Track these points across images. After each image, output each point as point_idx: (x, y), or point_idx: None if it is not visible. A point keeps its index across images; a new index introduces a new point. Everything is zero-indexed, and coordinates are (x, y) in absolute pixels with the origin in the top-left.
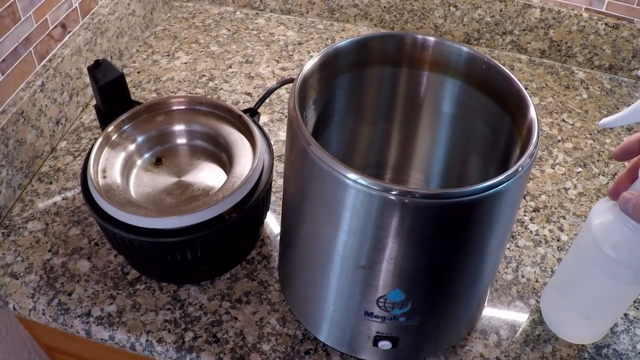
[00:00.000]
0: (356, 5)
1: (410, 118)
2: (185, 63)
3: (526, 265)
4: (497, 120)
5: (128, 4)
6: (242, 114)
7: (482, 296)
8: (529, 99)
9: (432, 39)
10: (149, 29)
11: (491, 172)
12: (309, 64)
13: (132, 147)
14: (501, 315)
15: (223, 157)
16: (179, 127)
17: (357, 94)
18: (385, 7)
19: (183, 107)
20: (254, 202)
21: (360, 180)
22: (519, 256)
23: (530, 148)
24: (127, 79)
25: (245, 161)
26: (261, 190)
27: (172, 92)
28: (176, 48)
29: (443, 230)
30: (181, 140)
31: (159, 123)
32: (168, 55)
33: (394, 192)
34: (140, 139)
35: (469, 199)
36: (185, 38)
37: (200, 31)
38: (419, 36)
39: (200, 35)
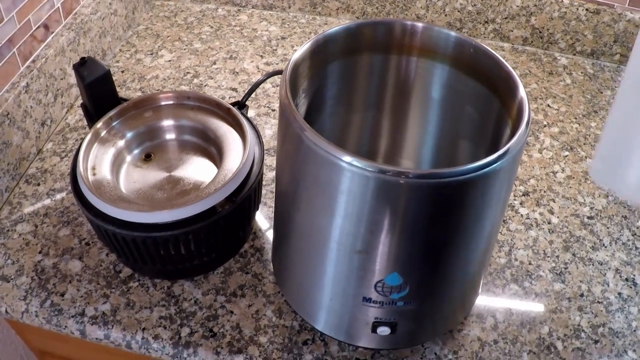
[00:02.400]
0: None
1: (400, 105)
2: (169, 61)
3: (519, 249)
4: (485, 103)
5: (110, 4)
6: (231, 107)
7: (477, 279)
8: (517, 78)
9: (420, 24)
10: (131, 28)
11: (481, 157)
12: (300, 51)
13: (121, 143)
14: (496, 298)
15: (213, 151)
16: (167, 123)
17: (347, 81)
18: None
19: (171, 102)
20: (246, 193)
21: (356, 163)
22: (511, 240)
23: (522, 126)
24: None
25: (235, 154)
26: (253, 182)
27: (157, 90)
28: (159, 46)
29: (438, 211)
30: (170, 136)
31: (148, 119)
32: (151, 54)
33: (388, 173)
34: (129, 135)
35: (463, 177)
36: (168, 36)
37: (182, 29)
38: (408, 22)
39: (183, 33)
